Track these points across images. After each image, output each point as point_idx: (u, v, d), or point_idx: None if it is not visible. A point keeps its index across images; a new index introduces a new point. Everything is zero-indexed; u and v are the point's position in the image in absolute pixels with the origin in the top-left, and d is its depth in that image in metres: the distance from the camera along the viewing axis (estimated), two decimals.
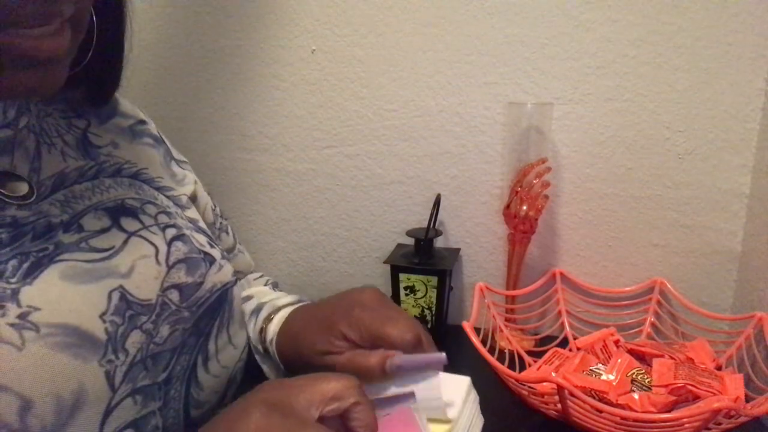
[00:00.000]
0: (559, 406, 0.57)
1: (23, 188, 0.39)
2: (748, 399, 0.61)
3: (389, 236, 0.90)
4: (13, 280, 0.34)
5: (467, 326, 0.65)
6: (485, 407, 0.48)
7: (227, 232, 0.64)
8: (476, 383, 0.48)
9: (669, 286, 0.79)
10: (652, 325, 0.79)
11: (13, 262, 0.35)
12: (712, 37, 0.72)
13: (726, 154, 0.75)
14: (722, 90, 0.73)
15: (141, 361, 0.39)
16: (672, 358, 0.69)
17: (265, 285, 0.65)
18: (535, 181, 0.74)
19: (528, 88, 0.79)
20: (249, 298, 0.59)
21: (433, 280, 0.79)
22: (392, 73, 0.83)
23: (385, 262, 0.81)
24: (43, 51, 0.32)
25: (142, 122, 0.54)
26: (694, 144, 0.76)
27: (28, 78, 0.33)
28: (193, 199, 0.56)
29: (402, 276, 0.80)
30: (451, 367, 0.41)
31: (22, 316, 0.33)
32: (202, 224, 0.53)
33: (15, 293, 0.34)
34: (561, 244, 0.84)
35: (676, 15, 0.72)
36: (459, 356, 0.80)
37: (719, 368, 0.69)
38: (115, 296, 0.39)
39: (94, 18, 0.40)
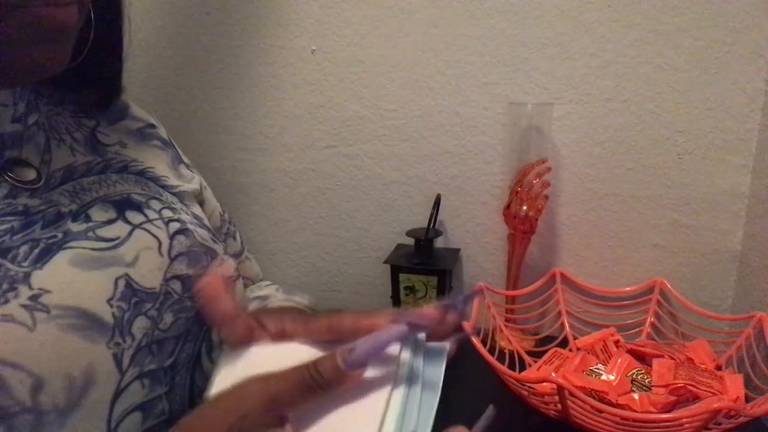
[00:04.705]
0: (559, 406, 0.57)
1: (32, 174, 0.40)
2: (748, 399, 0.62)
3: (389, 236, 0.90)
4: (25, 264, 0.36)
5: (467, 326, 0.65)
6: (485, 407, 0.47)
7: (234, 238, 0.64)
8: (476, 383, 0.47)
9: (669, 286, 0.79)
10: (652, 325, 0.79)
11: (24, 248, 0.36)
12: (712, 37, 0.72)
13: (726, 154, 0.75)
14: (722, 90, 0.73)
15: (147, 346, 0.40)
16: (672, 358, 0.69)
17: (276, 291, 0.65)
18: (535, 181, 0.74)
19: (528, 88, 0.79)
20: (266, 297, 0.59)
21: (433, 280, 0.79)
22: (392, 73, 0.83)
23: (385, 262, 0.81)
24: (58, 20, 0.35)
25: (152, 126, 0.56)
26: (694, 144, 0.76)
27: (39, 53, 0.36)
28: (201, 202, 0.57)
29: (402, 276, 0.80)
30: (452, 367, 0.40)
31: (33, 298, 0.35)
32: (206, 222, 0.54)
33: (27, 276, 0.35)
34: (561, 244, 0.84)
35: (676, 15, 0.72)
36: (459, 356, 0.80)
37: (719, 368, 0.69)
38: (121, 283, 0.40)
39: (92, 14, 0.41)
